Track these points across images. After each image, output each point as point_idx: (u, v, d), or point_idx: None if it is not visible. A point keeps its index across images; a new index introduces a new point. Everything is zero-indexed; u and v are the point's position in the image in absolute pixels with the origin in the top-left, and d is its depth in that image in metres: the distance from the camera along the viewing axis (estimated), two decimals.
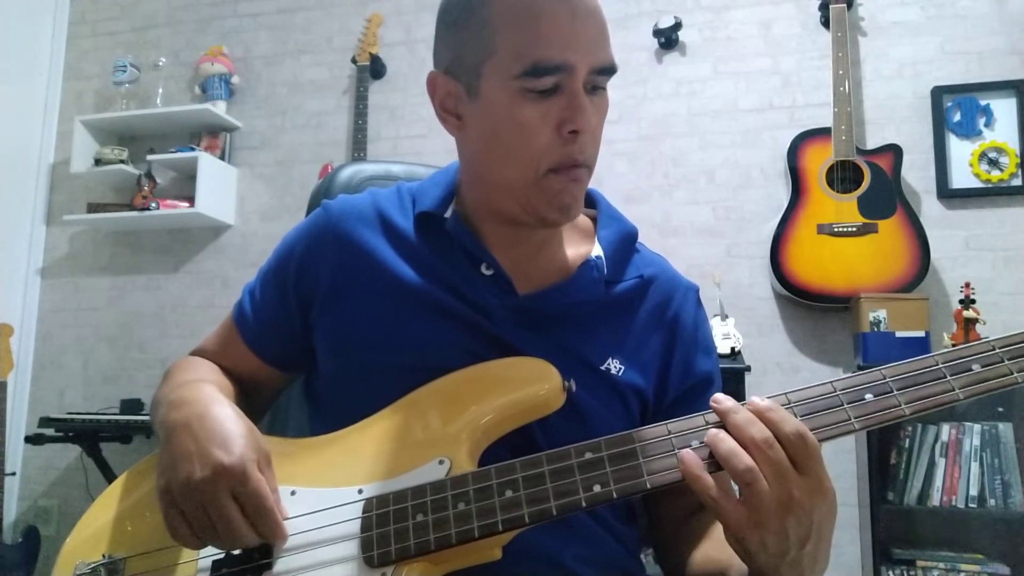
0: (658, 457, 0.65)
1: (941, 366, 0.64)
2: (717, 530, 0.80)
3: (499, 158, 0.79)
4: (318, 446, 0.79)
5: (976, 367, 0.63)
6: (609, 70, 0.78)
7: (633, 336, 0.85)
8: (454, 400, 0.75)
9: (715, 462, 0.62)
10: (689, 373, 0.88)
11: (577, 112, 0.75)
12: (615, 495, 0.64)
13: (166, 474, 0.70)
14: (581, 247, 0.89)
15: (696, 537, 0.81)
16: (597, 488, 0.65)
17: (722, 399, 0.64)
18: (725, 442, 0.61)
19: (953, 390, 0.63)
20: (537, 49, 0.74)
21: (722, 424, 0.64)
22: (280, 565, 0.69)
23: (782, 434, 0.60)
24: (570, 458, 0.67)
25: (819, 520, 0.61)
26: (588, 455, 0.67)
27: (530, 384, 0.74)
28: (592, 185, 0.90)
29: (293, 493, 0.73)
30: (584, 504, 0.64)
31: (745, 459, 0.60)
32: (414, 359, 0.80)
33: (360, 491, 0.71)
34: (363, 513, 0.69)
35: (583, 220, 0.93)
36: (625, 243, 0.90)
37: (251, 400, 0.93)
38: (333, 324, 0.85)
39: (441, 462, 0.71)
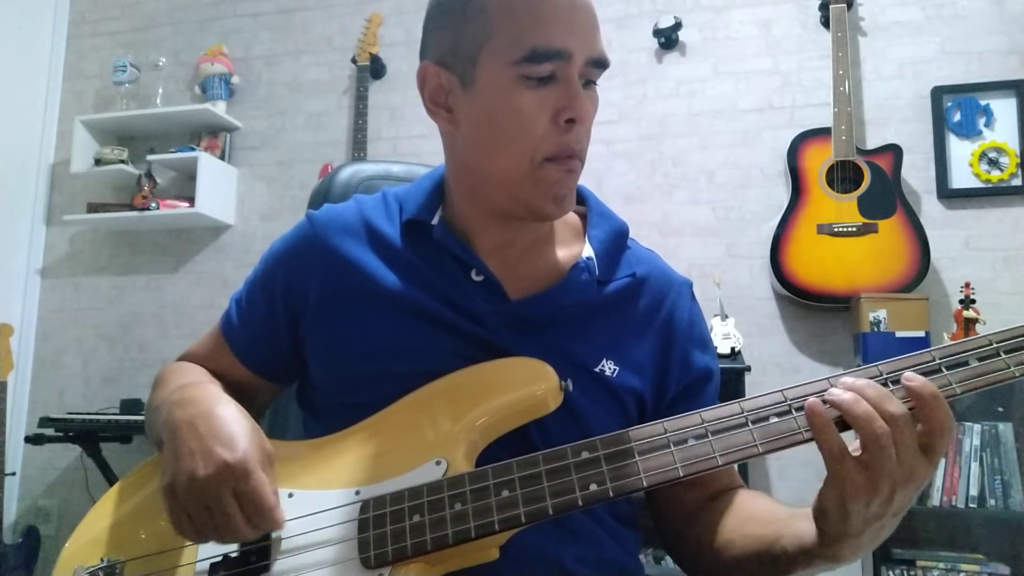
0: (654, 455, 0.65)
1: (938, 361, 0.64)
2: (749, 507, 0.80)
3: (494, 147, 0.78)
4: (315, 448, 0.79)
5: (973, 362, 0.63)
6: (602, 63, 0.78)
7: (627, 336, 0.85)
8: (451, 401, 0.75)
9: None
10: (688, 369, 0.87)
11: (575, 100, 0.75)
12: (611, 494, 0.64)
13: (170, 471, 0.70)
14: (572, 247, 0.88)
15: (719, 520, 0.80)
16: (593, 487, 0.65)
17: (847, 379, 0.63)
18: (862, 404, 0.61)
19: (950, 384, 0.63)
20: (536, 34, 0.74)
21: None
22: (278, 566, 0.69)
23: (934, 418, 0.60)
24: (566, 457, 0.67)
25: (918, 494, 0.62)
26: (584, 454, 0.67)
27: (527, 384, 0.74)
28: (591, 185, 0.89)
29: (291, 495, 0.73)
30: (580, 503, 0.64)
31: (883, 424, 0.60)
32: (411, 366, 0.79)
33: (357, 492, 0.71)
34: (360, 514, 0.69)
35: (573, 219, 0.92)
36: (616, 241, 0.89)
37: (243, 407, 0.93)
38: (323, 338, 0.85)
39: (438, 463, 0.71)
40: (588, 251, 0.86)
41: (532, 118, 0.75)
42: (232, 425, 0.72)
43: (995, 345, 0.64)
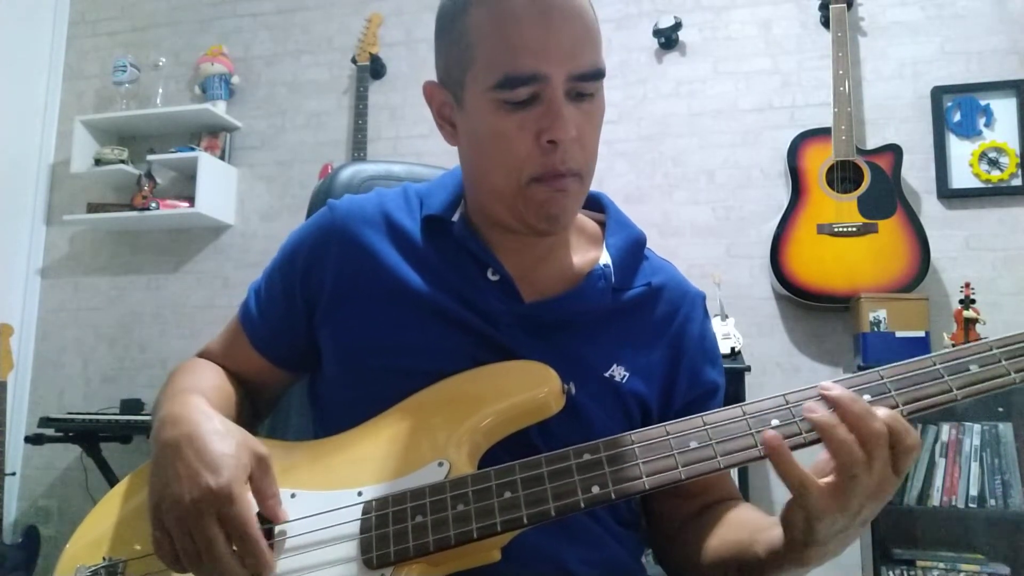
0: (656, 458, 0.65)
1: (939, 367, 0.64)
2: (733, 516, 0.80)
3: (485, 166, 0.80)
4: (318, 448, 0.79)
5: (974, 368, 0.63)
6: (591, 75, 0.75)
7: (639, 343, 0.85)
8: (454, 403, 0.76)
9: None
10: (696, 382, 0.88)
11: (554, 122, 0.73)
12: (613, 496, 0.64)
13: (156, 495, 0.69)
14: (589, 253, 0.88)
15: (707, 529, 0.80)
16: (596, 489, 0.65)
17: (832, 385, 0.63)
18: (841, 429, 0.60)
19: (951, 391, 0.63)
20: (508, 61, 0.73)
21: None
22: (279, 566, 0.69)
23: (902, 444, 0.60)
24: (569, 460, 0.67)
25: (883, 504, 0.62)
26: (587, 456, 0.67)
27: (529, 387, 0.74)
28: (592, 185, 0.89)
29: (293, 495, 0.73)
30: (583, 505, 0.64)
31: (860, 453, 0.59)
32: (417, 363, 0.80)
33: (360, 493, 0.71)
34: (363, 515, 0.69)
35: (591, 225, 0.92)
36: (633, 250, 0.89)
37: (256, 400, 0.93)
38: (336, 328, 0.85)
39: (440, 464, 0.71)
40: (605, 258, 0.87)
41: (513, 141, 0.75)
42: (217, 445, 0.69)
43: (996, 351, 0.64)
